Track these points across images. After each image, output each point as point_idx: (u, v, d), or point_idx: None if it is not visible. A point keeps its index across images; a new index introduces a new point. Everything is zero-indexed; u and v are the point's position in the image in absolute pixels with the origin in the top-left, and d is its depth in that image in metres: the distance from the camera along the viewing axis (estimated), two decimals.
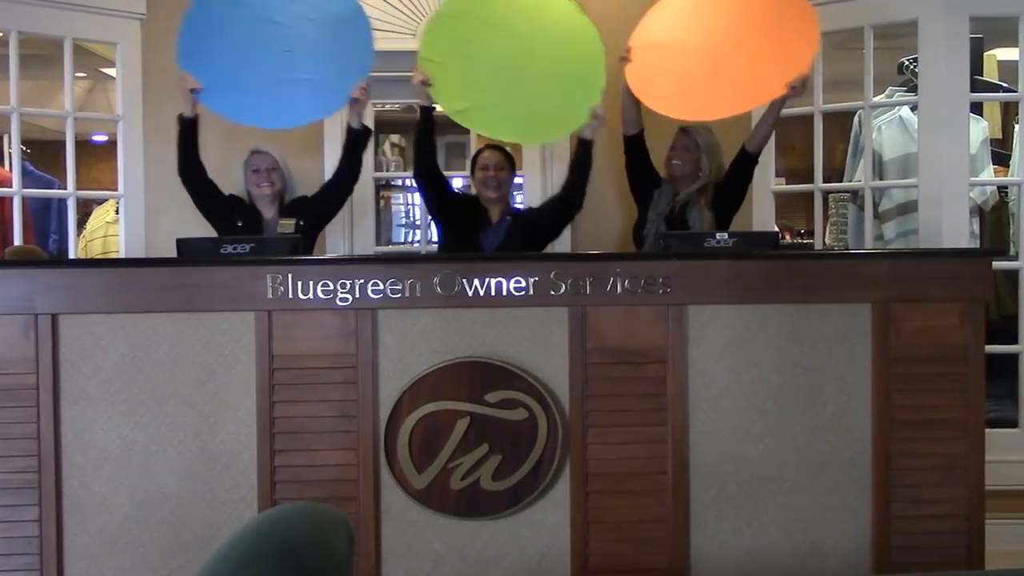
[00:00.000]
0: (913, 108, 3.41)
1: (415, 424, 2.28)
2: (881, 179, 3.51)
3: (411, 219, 6.36)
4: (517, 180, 3.72)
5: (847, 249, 3.87)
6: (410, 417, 2.28)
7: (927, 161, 3.17)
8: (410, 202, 6.27)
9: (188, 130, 2.90)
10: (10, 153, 3.63)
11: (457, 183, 3.84)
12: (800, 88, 2.83)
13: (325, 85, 2.88)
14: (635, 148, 3.06)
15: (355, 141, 2.95)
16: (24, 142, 3.48)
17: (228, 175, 3.05)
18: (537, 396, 2.28)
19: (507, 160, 3.04)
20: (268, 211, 2.99)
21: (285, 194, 3.02)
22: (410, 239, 6.17)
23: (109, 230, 4.03)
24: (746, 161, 2.97)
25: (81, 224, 3.99)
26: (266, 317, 2.28)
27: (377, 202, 4.10)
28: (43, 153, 4.59)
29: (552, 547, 2.31)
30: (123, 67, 3.49)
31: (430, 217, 3.21)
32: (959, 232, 3.09)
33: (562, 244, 3.59)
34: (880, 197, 3.54)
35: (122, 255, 3.56)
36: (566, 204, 3.00)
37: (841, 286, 2.34)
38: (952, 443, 2.34)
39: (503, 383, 2.29)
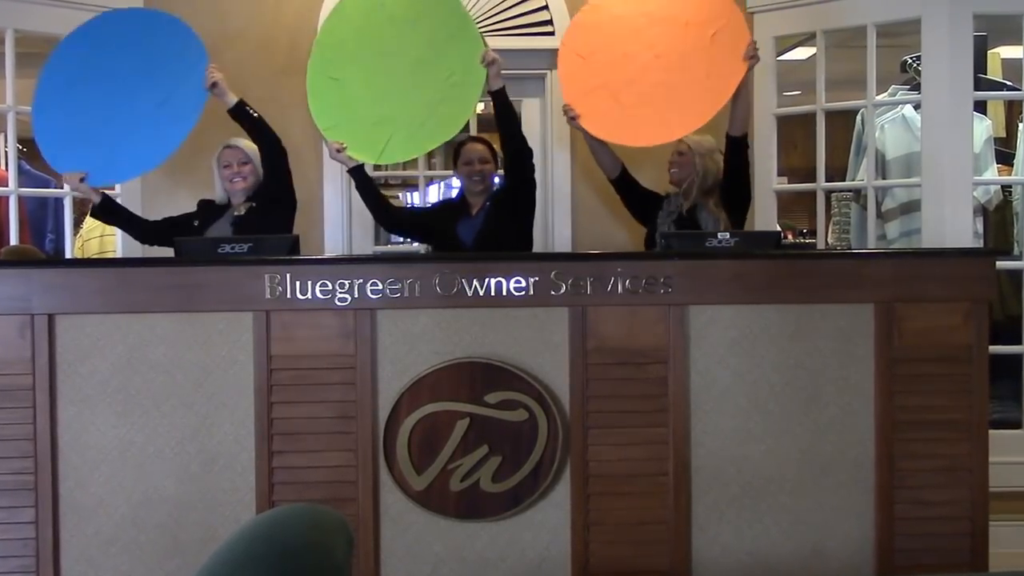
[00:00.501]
0: (916, 107, 3.40)
1: (414, 425, 2.27)
2: (884, 178, 3.49)
3: None
4: None
5: (850, 249, 3.85)
6: (409, 418, 2.26)
7: (930, 160, 3.15)
8: (409, 201, 6.25)
9: (109, 211, 2.93)
10: (6, 152, 3.62)
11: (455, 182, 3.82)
12: (756, 54, 2.81)
13: (177, 97, 2.85)
14: (623, 187, 3.05)
15: (240, 118, 2.86)
16: (20, 141, 3.45)
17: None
18: (537, 397, 2.27)
19: (490, 152, 3.03)
20: (242, 204, 2.94)
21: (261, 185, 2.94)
22: (409, 239, 6.15)
23: (106, 229, 4.01)
24: (735, 147, 2.91)
25: (78, 223, 3.97)
26: (264, 317, 2.27)
27: None
28: (39, 152, 4.56)
29: (552, 549, 2.29)
30: None
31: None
32: (962, 232, 3.08)
33: (563, 245, 3.59)
34: (883, 196, 3.52)
35: (119, 255, 3.54)
36: (515, 159, 2.95)
37: (843, 286, 2.32)
38: (956, 444, 2.32)
39: (503, 384, 2.27)
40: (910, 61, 3.49)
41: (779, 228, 3.68)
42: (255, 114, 2.86)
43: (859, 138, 3.62)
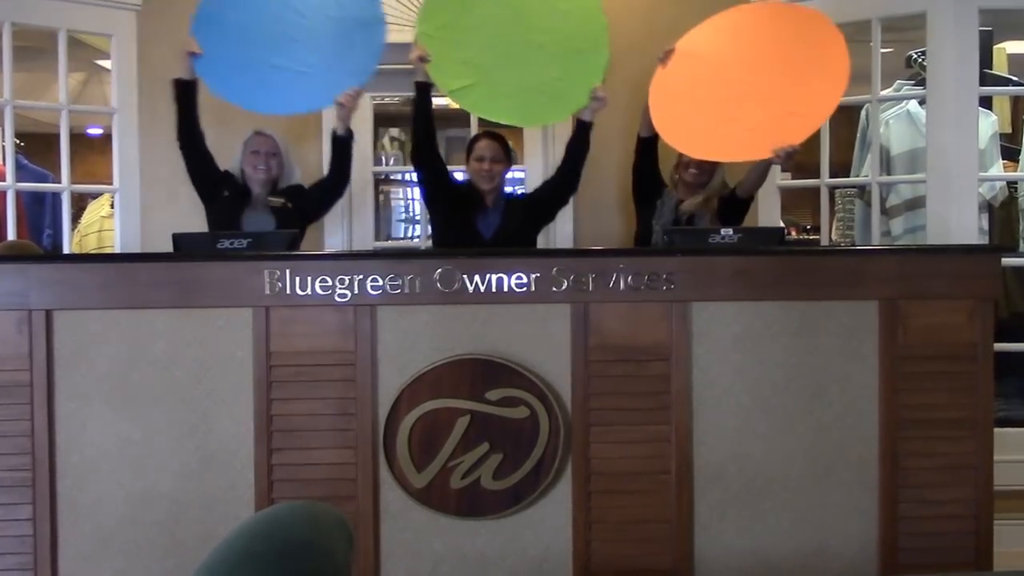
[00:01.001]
0: (921, 102, 3.38)
1: (415, 422, 2.25)
2: (888, 174, 3.47)
3: (410, 214, 6.33)
4: (519, 175, 3.69)
5: (854, 245, 3.84)
6: (410, 415, 2.25)
7: (935, 156, 3.13)
8: (410, 197, 6.23)
9: (186, 94, 2.85)
10: (3, 146, 3.61)
11: (459, 176, 3.80)
12: (783, 159, 2.75)
13: (317, 81, 2.83)
14: (648, 151, 3.03)
15: (338, 148, 2.89)
16: (18, 135, 3.45)
17: (219, 152, 3.00)
18: (539, 394, 2.25)
19: (503, 151, 2.96)
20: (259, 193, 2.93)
21: (280, 180, 2.94)
22: (409, 234, 6.14)
23: (104, 224, 4.00)
24: (737, 203, 2.96)
25: (76, 218, 3.97)
26: (263, 313, 2.25)
27: (376, 197, 4.06)
28: (37, 146, 4.56)
29: (554, 547, 2.27)
30: (118, 59, 3.45)
31: (426, 205, 3.15)
32: (968, 228, 3.06)
33: (564, 240, 3.56)
34: (887, 193, 3.50)
35: (117, 250, 3.52)
36: (561, 187, 2.96)
37: (847, 283, 2.31)
38: (960, 443, 2.31)
39: (504, 381, 2.25)
40: (915, 56, 3.47)
41: (783, 224, 3.66)
42: (351, 153, 2.91)
43: (863, 134, 3.60)
